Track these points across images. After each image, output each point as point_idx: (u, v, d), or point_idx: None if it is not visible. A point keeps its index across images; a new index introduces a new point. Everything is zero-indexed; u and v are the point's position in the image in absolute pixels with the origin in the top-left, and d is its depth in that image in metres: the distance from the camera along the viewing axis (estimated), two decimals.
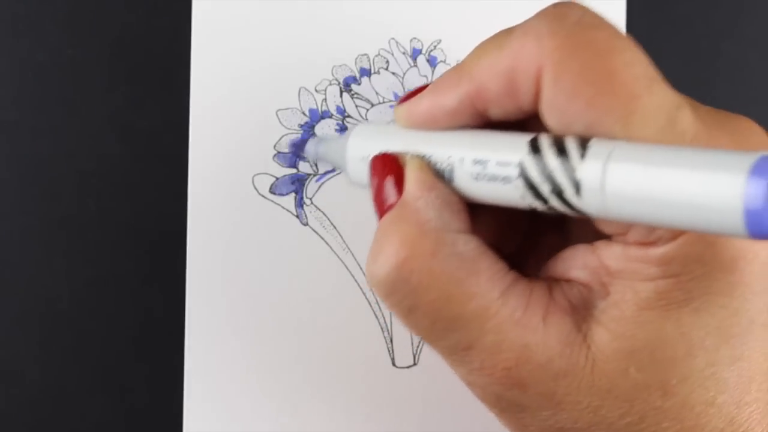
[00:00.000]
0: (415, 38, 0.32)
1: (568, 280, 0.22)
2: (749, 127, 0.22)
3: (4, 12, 0.32)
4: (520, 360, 0.21)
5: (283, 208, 0.32)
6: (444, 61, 0.32)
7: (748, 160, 0.16)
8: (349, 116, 0.32)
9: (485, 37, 0.22)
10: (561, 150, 0.19)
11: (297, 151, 0.31)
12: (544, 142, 0.20)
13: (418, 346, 0.32)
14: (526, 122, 0.22)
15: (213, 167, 0.31)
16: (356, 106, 0.32)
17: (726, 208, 0.16)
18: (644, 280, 0.20)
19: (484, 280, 0.21)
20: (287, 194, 0.32)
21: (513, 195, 0.20)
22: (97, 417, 0.32)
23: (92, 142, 0.32)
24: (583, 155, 0.19)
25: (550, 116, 0.20)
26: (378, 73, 0.32)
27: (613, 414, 0.21)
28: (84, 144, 0.32)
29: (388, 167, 0.23)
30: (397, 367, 0.32)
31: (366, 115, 0.32)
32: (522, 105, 0.21)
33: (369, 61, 0.32)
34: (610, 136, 0.19)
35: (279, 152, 0.32)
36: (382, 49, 0.32)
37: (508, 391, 0.21)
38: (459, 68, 0.22)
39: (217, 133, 0.31)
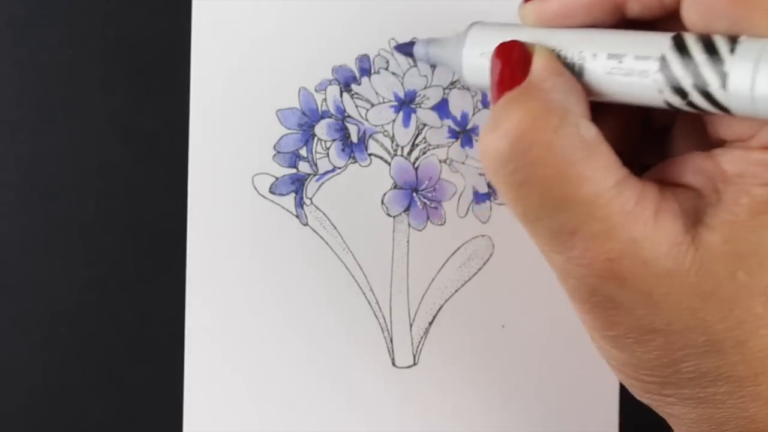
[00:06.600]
0: (415, 38, 0.32)
1: (678, 185, 0.22)
2: None
3: (4, 12, 0.32)
4: (624, 253, 0.21)
5: (283, 208, 0.32)
6: None
7: None
8: (349, 116, 0.32)
9: None
10: (708, 45, 0.19)
11: (404, 52, 0.31)
12: (690, 38, 0.20)
13: (418, 346, 0.32)
14: (658, 26, 0.21)
15: (213, 167, 0.31)
16: (356, 106, 0.32)
17: None
18: (764, 184, 0.20)
19: (601, 166, 0.21)
20: (287, 194, 0.32)
21: (649, 90, 0.20)
22: (97, 417, 0.32)
23: (92, 142, 0.32)
24: (733, 50, 0.19)
25: (692, 11, 0.20)
26: (378, 73, 0.32)
27: (712, 317, 0.21)
28: (84, 144, 0.32)
29: (515, 51, 0.22)
30: (397, 367, 0.32)
31: (366, 115, 0.32)
32: None
33: (369, 61, 0.32)
34: (755, 33, 0.19)
35: (279, 152, 0.32)
36: (382, 49, 0.32)
37: (605, 285, 0.21)
38: None
39: (217, 133, 0.31)
